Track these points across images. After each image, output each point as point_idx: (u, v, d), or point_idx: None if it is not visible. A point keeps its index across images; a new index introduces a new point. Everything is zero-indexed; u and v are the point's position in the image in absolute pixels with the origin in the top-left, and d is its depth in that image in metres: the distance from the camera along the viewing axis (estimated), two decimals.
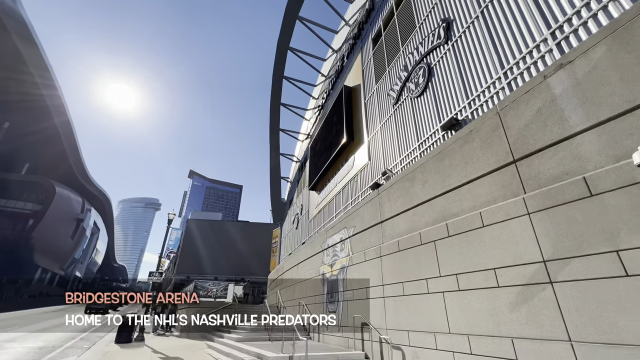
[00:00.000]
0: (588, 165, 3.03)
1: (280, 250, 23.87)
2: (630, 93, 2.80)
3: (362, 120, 11.07)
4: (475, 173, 4.32)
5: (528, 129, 3.68)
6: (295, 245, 17.90)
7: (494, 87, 5.32)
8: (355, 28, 14.10)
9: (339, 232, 8.75)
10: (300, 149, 22.96)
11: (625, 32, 2.96)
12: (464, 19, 6.37)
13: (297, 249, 16.15)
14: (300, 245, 16.10)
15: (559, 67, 3.44)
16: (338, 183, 12.37)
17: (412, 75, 8.02)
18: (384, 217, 6.48)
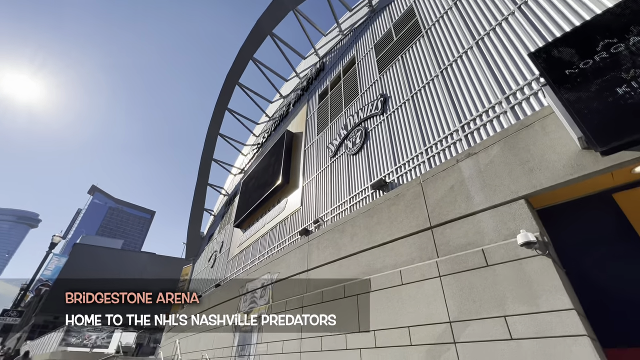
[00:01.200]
0: (485, 240, 3.66)
1: (187, 290, 21.17)
2: (514, 186, 3.60)
3: (300, 166, 11.42)
4: (399, 233, 4.76)
5: (443, 202, 4.32)
6: (208, 287, 16.17)
7: (418, 160, 6.20)
8: (305, 81, 15.19)
9: (261, 277, 8.32)
10: (231, 183, 22.09)
11: (512, 139, 3.89)
12: (398, 98, 7.51)
13: (209, 291, 14.59)
14: (213, 287, 14.62)
15: (468, 155, 4.25)
16: (267, 224, 12.07)
17: (351, 134, 8.83)
18: (310, 265, 6.48)
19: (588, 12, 4.02)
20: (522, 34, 4.86)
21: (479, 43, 5.63)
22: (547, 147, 3.49)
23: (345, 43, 12.50)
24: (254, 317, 7.72)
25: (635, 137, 2.62)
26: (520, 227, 3.36)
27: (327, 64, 13.56)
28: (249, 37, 15.45)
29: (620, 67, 2.86)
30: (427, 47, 7.10)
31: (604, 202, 3.54)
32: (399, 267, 4.52)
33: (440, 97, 6.21)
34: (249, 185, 15.46)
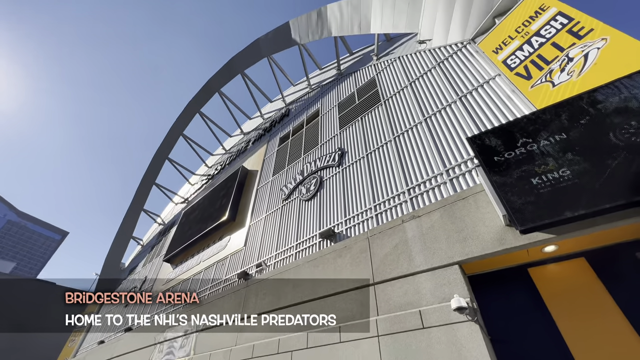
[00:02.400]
0: (423, 301, 3.80)
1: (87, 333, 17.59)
2: (451, 252, 3.92)
3: (250, 204, 11.10)
4: (342, 287, 4.73)
5: (387, 259, 4.48)
6: (116, 331, 13.68)
7: (367, 214, 6.47)
8: (268, 122, 15.55)
9: (185, 322, 7.36)
10: (170, 212, 20.33)
11: (450, 208, 4.34)
12: (354, 155, 8.02)
13: (116, 336, 12.35)
14: (122, 331, 12.42)
15: (412, 217, 4.59)
16: (202, 261, 11.09)
17: (306, 181, 9.00)
18: (245, 313, 5.97)
19: (510, 113, 4.95)
20: (461, 119, 5.74)
21: (427, 120, 6.47)
22: (479, 220, 3.94)
23: (312, 96, 13.36)
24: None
25: (545, 222, 3.11)
26: (454, 291, 3.58)
27: (292, 111, 14.19)
28: (220, 70, 15.74)
29: (534, 162, 3.49)
30: (384, 115, 7.92)
31: (522, 275, 4.01)
32: (339, 322, 4.40)
33: (391, 160, 6.79)
34: (190, 217, 14.38)
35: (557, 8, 5.23)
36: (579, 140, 3.36)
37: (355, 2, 10.32)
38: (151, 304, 12.34)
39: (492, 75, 5.76)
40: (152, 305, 12.17)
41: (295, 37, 12.77)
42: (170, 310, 10.14)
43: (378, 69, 9.75)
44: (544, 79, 4.80)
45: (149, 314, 11.75)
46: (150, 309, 12.07)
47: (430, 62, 7.62)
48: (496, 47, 5.95)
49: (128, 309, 14.26)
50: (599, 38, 4.41)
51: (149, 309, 12.17)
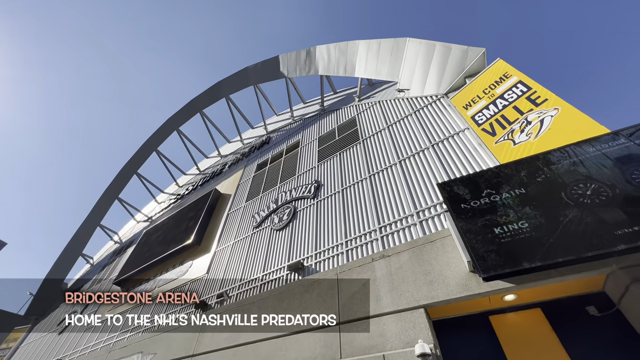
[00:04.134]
0: (387, 345, 3.72)
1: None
2: (417, 294, 3.94)
3: (218, 229, 10.67)
4: (307, 324, 4.53)
5: (354, 298, 4.40)
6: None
7: (338, 249, 6.43)
8: (247, 148, 15.54)
9: (128, 357, 6.61)
10: (130, 230, 18.99)
11: (418, 251, 4.43)
12: (330, 188, 8.12)
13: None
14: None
15: (382, 256, 4.62)
16: (158, 287, 10.26)
17: (280, 210, 8.90)
18: (198, 349, 5.49)
19: (478, 165, 5.34)
20: (433, 165, 6.09)
21: (402, 163, 6.79)
22: (445, 264, 4.05)
23: (294, 127, 13.67)
24: None
25: (505, 271, 3.26)
26: (419, 336, 3.56)
27: (273, 139, 14.35)
28: (205, 92, 15.82)
29: (496, 212, 3.73)
30: (361, 153, 8.22)
31: (483, 322, 4.08)
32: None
33: (365, 198, 6.94)
34: (151, 237, 13.49)
35: (517, 77, 5.93)
36: (536, 195, 3.66)
37: (343, 47, 11.08)
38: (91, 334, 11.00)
39: (461, 128, 6.26)
40: (93, 334, 10.85)
41: (283, 71, 13.30)
42: (114, 341, 9.09)
43: (359, 110, 10.27)
44: (507, 137, 5.29)
45: (93, 343, 10.44)
46: (91, 338, 10.74)
47: (407, 109, 8.17)
48: (466, 103, 6.54)
49: (64, 337, 12.59)
50: (552, 107, 5.00)
51: (86, 339, 10.82)
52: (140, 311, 9.78)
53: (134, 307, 10.25)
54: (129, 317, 10.00)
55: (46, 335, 14.20)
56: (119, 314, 10.55)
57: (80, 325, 12.21)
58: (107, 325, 10.62)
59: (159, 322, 8.46)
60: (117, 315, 10.56)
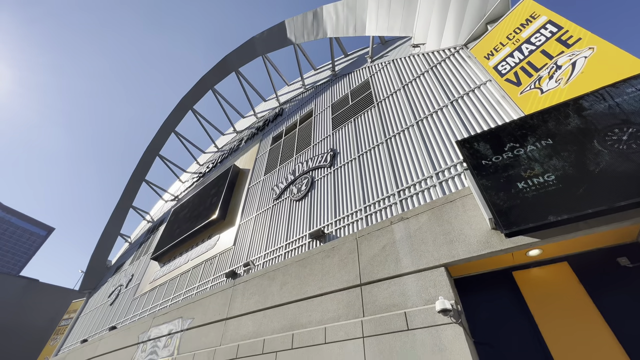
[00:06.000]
0: (408, 303, 3.80)
1: (70, 331, 17.20)
2: (437, 254, 3.93)
3: (240, 203, 11.00)
4: (330, 287, 4.70)
5: (374, 260, 4.47)
6: (100, 329, 13.40)
7: (357, 215, 6.47)
8: (261, 122, 15.46)
9: (170, 322, 7.25)
10: (159, 209, 20.05)
11: (438, 211, 4.36)
12: (346, 156, 8.02)
13: (100, 334, 12.08)
14: (107, 329, 12.16)
15: (400, 219, 4.59)
16: (191, 260, 10.94)
17: (298, 180, 8.97)
18: (231, 313, 5.89)
19: (500, 118, 5.01)
20: (452, 123, 5.79)
21: (419, 123, 6.51)
22: (465, 223, 3.97)
23: (306, 96, 13.34)
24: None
25: (529, 226, 3.14)
26: (439, 293, 3.60)
27: (286, 110, 14.15)
28: (214, 68, 15.60)
29: (520, 166, 3.53)
30: (377, 117, 7.94)
31: (506, 278, 4.04)
32: (325, 323, 4.37)
33: (382, 162, 6.81)
34: (179, 215, 14.19)
35: (547, 17, 5.32)
36: (564, 145, 3.41)
37: (351, 4, 10.35)
38: (137, 303, 12.12)
39: (483, 80, 5.83)
40: (140, 304, 11.95)
41: (291, 37, 12.74)
42: (158, 309, 9.97)
43: (372, 71, 9.79)
44: (533, 85, 4.87)
45: (140, 311, 11.55)
46: (138, 307, 11.86)
47: (423, 65, 7.68)
48: (488, 53, 6.02)
49: (115, 306, 13.98)
50: (586, 47, 4.49)
51: (135, 308, 11.95)
52: (178, 281, 10.57)
53: (173, 278, 11.08)
54: (169, 286, 10.86)
55: (100, 306, 15.81)
56: (160, 284, 11.48)
57: (128, 297, 13.46)
58: (150, 295, 11.63)
59: (195, 291, 9.13)
60: (159, 285, 11.49)
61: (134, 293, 13.17)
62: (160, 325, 7.43)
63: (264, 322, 5.18)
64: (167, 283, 11.16)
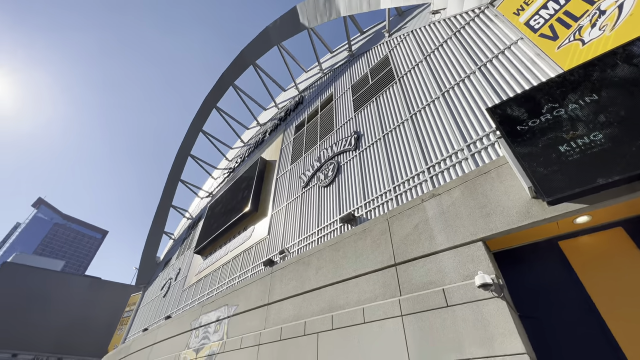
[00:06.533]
0: (446, 280, 3.73)
1: (132, 322, 19.04)
2: (473, 228, 3.78)
3: (271, 194, 11.28)
4: (364, 269, 4.73)
5: (407, 239, 4.41)
6: (157, 319, 14.68)
7: (386, 197, 6.38)
8: (283, 112, 15.54)
9: (217, 309, 7.74)
10: (197, 206, 21.15)
11: (471, 184, 4.16)
12: (371, 137, 7.86)
13: (157, 323, 13.24)
14: (163, 318, 13.29)
15: (432, 195, 4.46)
16: (230, 252, 11.51)
17: (324, 167, 8.98)
18: (272, 299, 6.16)
19: (535, 79, 4.61)
20: (481, 90, 5.43)
21: (445, 95, 6.18)
22: (502, 194, 3.76)
23: (325, 81, 13.15)
24: (204, 356, 7.03)
25: (575, 191, 2.91)
26: (478, 268, 3.48)
27: (306, 98, 14.07)
28: (232, 64, 15.80)
29: (561, 128, 3.25)
30: (399, 93, 7.65)
31: (552, 249, 3.81)
32: (362, 304, 4.43)
33: (409, 139, 6.60)
34: (215, 210, 14.88)
35: None
36: (612, 100, 3.07)
37: None
38: (187, 294, 13.06)
39: (513, 39, 5.36)
40: (188, 294, 12.88)
41: (304, 22, 12.50)
42: (205, 298, 10.68)
43: (391, 46, 9.38)
44: (573, 37, 4.40)
45: (189, 301, 12.45)
46: (187, 297, 12.79)
47: (445, 32, 7.21)
48: (517, 8, 5.51)
49: (168, 298, 15.19)
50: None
51: (186, 298, 12.90)
52: (220, 272, 11.20)
53: (216, 269, 11.77)
54: (213, 277, 11.56)
55: (155, 298, 17.25)
56: (205, 276, 12.24)
57: (178, 289, 14.54)
58: (197, 286, 12.47)
59: (237, 280, 9.64)
60: (204, 276, 12.26)
61: (182, 285, 14.19)
62: (209, 313, 7.99)
63: (303, 305, 5.36)
64: (211, 274, 11.87)
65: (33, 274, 37.39)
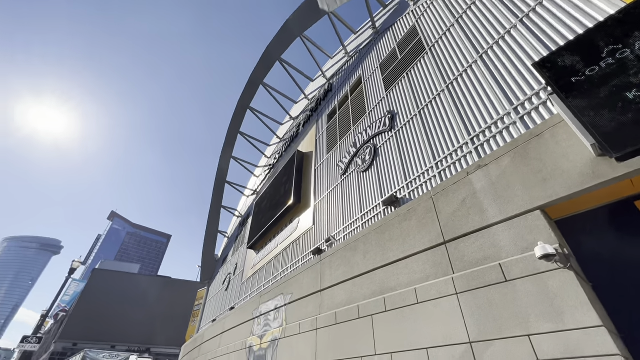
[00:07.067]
0: (502, 253, 3.52)
1: (202, 314, 20.99)
2: (529, 197, 3.49)
3: (311, 185, 11.48)
4: (412, 249, 4.65)
5: (455, 215, 4.22)
6: (222, 310, 16.00)
7: (428, 174, 6.13)
8: (313, 102, 15.56)
9: (274, 298, 8.19)
10: (244, 204, 22.31)
11: (522, 149, 3.82)
12: (405, 114, 7.55)
13: (223, 314, 14.43)
14: (227, 310, 14.44)
15: (478, 167, 4.19)
16: (279, 244, 12.02)
17: (360, 151, 8.87)
18: (323, 285, 6.35)
19: (590, 19, 4.03)
20: (525, 44, 4.89)
21: (483, 56, 5.68)
22: (560, 156, 3.40)
23: (351, 64, 12.84)
24: (267, 341, 7.54)
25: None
26: (538, 239, 3.22)
27: (335, 84, 13.89)
28: (259, 63, 16.12)
29: (627, 71, 2.82)
30: (431, 63, 7.21)
31: (627, 210, 3.37)
32: (413, 284, 4.37)
33: (447, 111, 6.22)
34: (261, 206, 15.57)
35: None
36: None
37: None
38: (245, 286, 13.99)
39: None
40: (247, 286, 13.79)
41: (323, 7, 12.25)
42: (262, 289, 11.35)
43: (417, 14, 8.81)
44: None
45: (248, 292, 13.36)
46: (246, 289, 13.72)
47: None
48: None
49: (229, 291, 16.43)
50: None
51: (245, 290, 13.84)
52: (273, 263, 11.79)
53: (268, 261, 12.41)
54: (267, 269, 12.22)
55: (218, 292, 18.76)
56: (259, 268, 12.98)
57: (237, 282, 15.62)
58: (253, 278, 13.29)
59: (289, 270, 10.07)
60: (258, 269, 13.01)
61: (241, 278, 15.22)
62: (267, 302, 8.50)
63: (354, 289, 5.45)
64: (264, 266, 12.56)
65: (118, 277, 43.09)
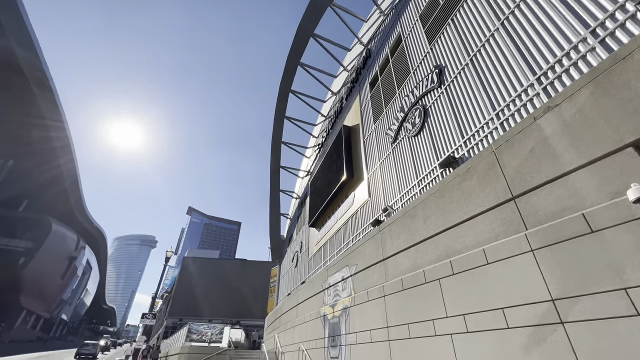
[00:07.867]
0: (585, 202, 3.10)
1: (278, 290, 22.99)
2: (616, 134, 2.97)
3: (362, 158, 11.36)
4: (476, 210, 4.38)
5: (524, 167, 3.81)
6: (295, 285, 17.29)
7: (487, 128, 5.58)
8: (353, 73, 15.05)
9: (340, 271, 8.55)
10: (300, 186, 23.16)
11: (604, 79, 3.22)
12: (455, 65, 6.87)
13: (296, 288, 15.58)
14: (299, 284, 15.56)
15: (547, 109, 3.67)
16: (338, 220, 12.33)
17: (409, 115, 8.41)
18: (386, 254, 6.40)
19: None
20: None
21: None
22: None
23: (388, 23, 11.96)
24: (339, 309, 7.98)
25: None
26: (631, 180, 2.75)
27: (373, 49, 13.18)
28: (293, 44, 16.01)
29: None
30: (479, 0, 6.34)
31: None
32: (482, 245, 4.15)
33: (505, 52, 5.49)
34: (316, 185, 16.00)
35: None
36: None
37: None
38: (312, 262, 14.82)
39: None
40: (313, 262, 14.60)
41: None
42: (328, 263, 11.91)
43: None
44: None
45: (316, 267, 14.18)
46: (313, 264, 14.54)
47: None
48: None
49: (298, 267, 17.61)
50: None
51: (312, 266, 14.69)
52: (335, 238, 12.21)
53: (331, 237, 12.89)
54: (330, 244, 12.72)
55: (289, 269, 20.23)
56: (323, 244, 13.57)
57: (304, 259, 16.60)
58: (319, 254, 13.98)
59: (351, 243, 10.33)
60: (322, 245, 13.62)
61: (307, 255, 16.13)
62: (334, 274, 8.91)
63: (418, 256, 5.38)
64: (327, 242, 13.07)
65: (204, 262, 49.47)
